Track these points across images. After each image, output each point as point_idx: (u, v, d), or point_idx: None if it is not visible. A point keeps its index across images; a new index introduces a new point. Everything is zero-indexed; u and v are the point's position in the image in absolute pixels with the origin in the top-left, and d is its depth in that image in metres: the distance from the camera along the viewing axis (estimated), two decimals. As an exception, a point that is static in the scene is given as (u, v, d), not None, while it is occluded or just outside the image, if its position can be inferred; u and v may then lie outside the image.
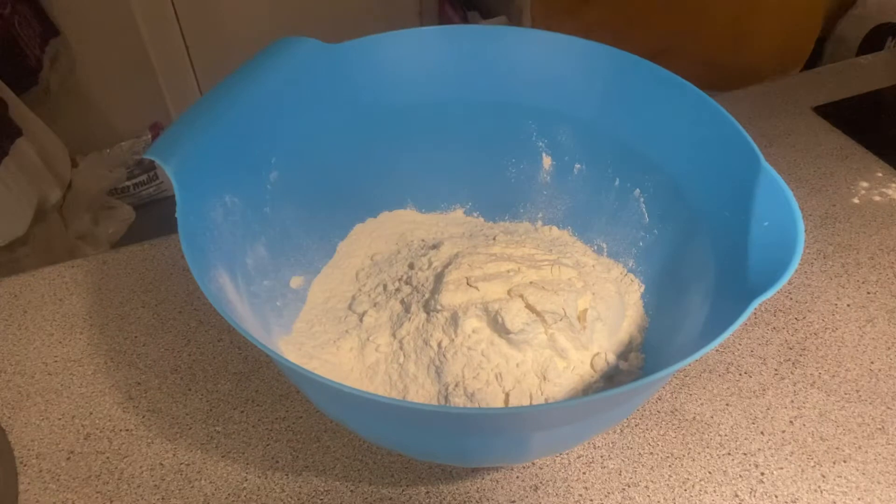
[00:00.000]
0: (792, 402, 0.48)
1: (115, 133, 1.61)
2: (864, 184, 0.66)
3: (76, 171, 1.39)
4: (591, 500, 0.43)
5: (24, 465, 0.46)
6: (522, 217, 0.55)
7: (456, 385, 0.41)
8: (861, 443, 0.46)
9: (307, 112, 0.47)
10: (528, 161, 0.53)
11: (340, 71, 0.48)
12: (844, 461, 0.45)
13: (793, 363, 0.51)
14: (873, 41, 1.01)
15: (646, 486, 0.44)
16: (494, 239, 0.51)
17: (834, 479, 0.44)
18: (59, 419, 0.48)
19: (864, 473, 0.44)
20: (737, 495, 0.43)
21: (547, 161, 0.53)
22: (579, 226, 0.53)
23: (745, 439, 0.46)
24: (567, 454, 0.46)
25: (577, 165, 0.52)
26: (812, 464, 0.45)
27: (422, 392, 0.42)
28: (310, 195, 0.49)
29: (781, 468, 0.45)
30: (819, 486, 0.44)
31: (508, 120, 0.51)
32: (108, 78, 1.53)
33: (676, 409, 0.48)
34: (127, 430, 0.48)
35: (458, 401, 0.40)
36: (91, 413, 0.49)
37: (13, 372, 0.51)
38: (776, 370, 0.50)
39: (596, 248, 0.52)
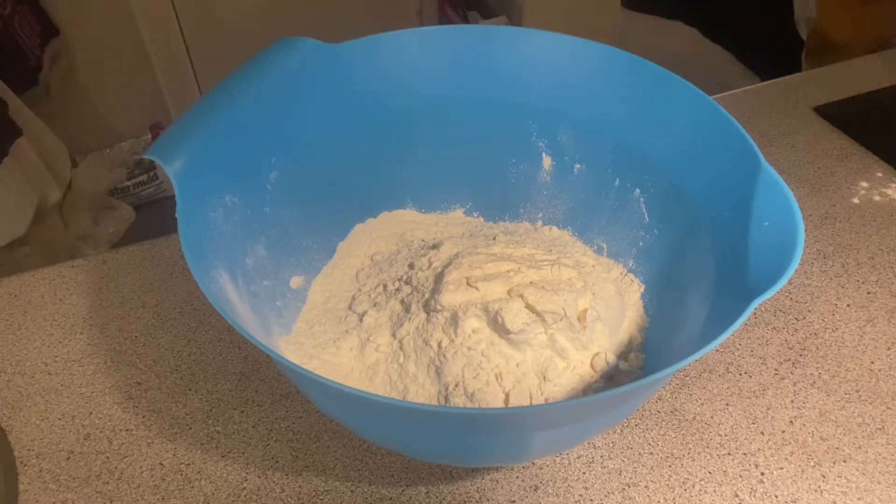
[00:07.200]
0: (792, 402, 0.48)
1: (115, 133, 1.61)
2: (864, 184, 0.66)
3: (76, 171, 1.39)
4: (591, 500, 0.43)
5: (24, 465, 0.46)
6: (522, 217, 0.55)
7: (456, 385, 0.41)
8: (861, 443, 0.46)
9: (307, 112, 0.47)
10: (528, 161, 0.53)
11: (340, 71, 0.48)
12: (844, 461, 0.45)
13: (793, 363, 0.51)
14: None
15: (646, 486, 0.44)
16: (494, 239, 0.51)
17: (834, 479, 0.44)
18: (59, 419, 0.48)
19: (864, 473, 0.44)
20: (737, 495, 0.43)
21: (547, 161, 0.53)
22: (579, 226, 0.53)
23: (745, 439, 0.46)
24: (567, 454, 0.46)
25: (577, 165, 0.52)
26: (812, 464, 0.45)
27: (422, 392, 0.42)
28: (310, 195, 0.49)
29: (781, 468, 0.45)
30: (819, 486, 0.44)
31: (508, 120, 0.51)
32: (108, 78, 1.53)
33: (676, 409, 0.48)
34: (127, 430, 0.48)
35: (458, 401, 0.40)
36: (91, 413, 0.49)
37: (13, 372, 0.51)
38: (776, 370, 0.50)
39: (596, 248, 0.52)
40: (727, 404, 0.48)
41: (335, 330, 0.46)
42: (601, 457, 0.45)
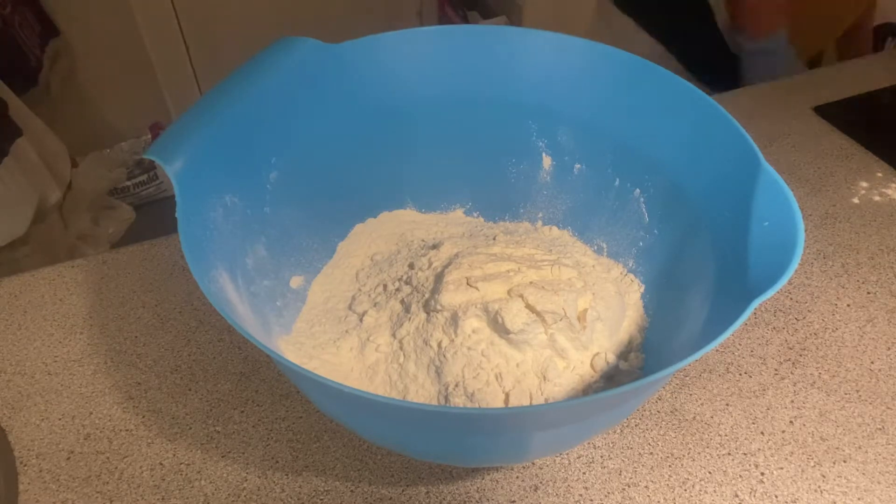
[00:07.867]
0: (792, 402, 0.48)
1: (115, 133, 1.61)
2: (864, 184, 0.66)
3: (76, 171, 1.39)
4: (591, 500, 0.43)
5: (24, 465, 0.46)
6: (522, 217, 0.55)
7: (456, 385, 0.41)
8: (861, 443, 0.46)
9: (307, 112, 0.47)
10: (528, 161, 0.53)
11: (340, 71, 0.48)
12: (844, 461, 0.45)
13: (793, 363, 0.51)
14: (874, 41, 1.01)
15: (646, 486, 0.44)
16: (494, 239, 0.51)
17: (834, 479, 0.44)
18: (59, 419, 0.48)
19: (864, 473, 0.44)
20: (737, 495, 0.43)
21: (547, 161, 0.53)
22: (579, 226, 0.53)
23: (745, 439, 0.46)
24: (567, 454, 0.46)
25: (577, 165, 0.52)
26: (812, 464, 0.45)
27: (422, 392, 0.42)
28: (310, 195, 0.49)
29: (781, 468, 0.45)
30: (819, 486, 0.44)
31: (508, 120, 0.51)
32: (108, 78, 1.53)
33: (676, 409, 0.48)
34: (127, 430, 0.48)
35: (458, 401, 0.40)
36: (91, 413, 0.49)
37: (13, 372, 0.51)
38: (776, 370, 0.50)
39: (596, 248, 0.52)
40: (727, 404, 0.48)
41: (335, 330, 0.46)
42: (601, 457, 0.45)
